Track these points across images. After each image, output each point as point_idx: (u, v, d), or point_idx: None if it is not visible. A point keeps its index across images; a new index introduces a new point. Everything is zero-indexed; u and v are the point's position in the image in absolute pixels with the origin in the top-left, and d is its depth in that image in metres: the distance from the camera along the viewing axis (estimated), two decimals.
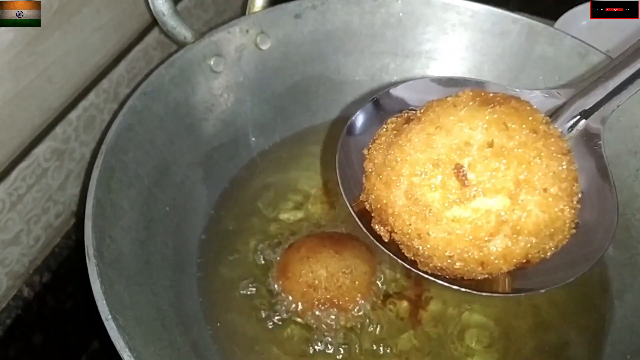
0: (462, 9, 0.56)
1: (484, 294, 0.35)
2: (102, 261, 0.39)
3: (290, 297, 0.48)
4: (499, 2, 0.56)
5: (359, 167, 0.38)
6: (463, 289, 0.34)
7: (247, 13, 0.55)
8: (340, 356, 0.46)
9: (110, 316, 0.37)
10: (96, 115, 0.53)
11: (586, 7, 0.66)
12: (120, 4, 0.51)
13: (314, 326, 0.47)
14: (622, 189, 0.51)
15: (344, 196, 0.38)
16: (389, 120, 0.37)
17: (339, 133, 0.41)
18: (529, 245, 0.33)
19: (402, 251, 0.35)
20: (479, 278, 0.34)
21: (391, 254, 0.35)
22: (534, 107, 0.35)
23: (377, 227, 0.36)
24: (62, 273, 0.53)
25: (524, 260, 0.33)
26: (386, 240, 0.35)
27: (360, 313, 0.48)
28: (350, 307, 0.48)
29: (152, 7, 0.51)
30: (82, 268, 0.39)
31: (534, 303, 0.49)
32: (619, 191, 0.51)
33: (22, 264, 0.50)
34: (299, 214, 0.54)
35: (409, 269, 0.35)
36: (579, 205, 0.34)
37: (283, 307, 0.48)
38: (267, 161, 0.58)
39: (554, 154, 0.32)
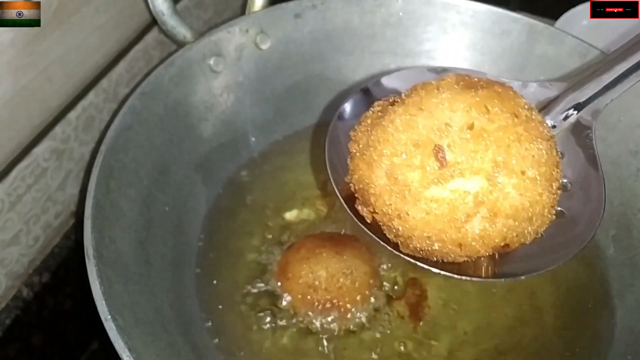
0: (463, 9, 0.56)
1: (464, 277, 0.35)
2: (101, 261, 0.39)
3: (290, 298, 0.48)
4: (499, 2, 0.56)
5: (346, 151, 0.38)
6: (444, 273, 0.34)
7: (246, 13, 0.55)
8: (341, 356, 0.46)
9: (109, 316, 0.37)
10: (95, 115, 0.52)
11: (586, 7, 0.66)
12: (119, 3, 0.51)
13: (314, 327, 0.47)
14: (623, 189, 0.51)
15: (331, 179, 0.38)
16: (375, 104, 0.38)
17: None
18: (506, 228, 0.33)
19: (385, 233, 0.35)
20: (460, 261, 0.34)
21: (374, 236, 0.36)
22: (517, 92, 0.35)
23: (360, 207, 0.36)
24: (61, 273, 0.53)
25: (503, 244, 0.33)
26: (369, 222, 0.36)
27: (361, 313, 0.48)
28: (350, 308, 0.48)
29: (151, 7, 0.51)
30: (82, 268, 0.38)
31: (535, 304, 0.49)
32: (620, 191, 0.51)
33: (21, 264, 0.49)
34: (299, 215, 0.54)
35: (391, 252, 0.35)
36: (559, 191, 0.34)
37: (283, 308, 0.48)
38: (267, 161, 0.58)
39: (534, 138, 0.33)
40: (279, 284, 0.49)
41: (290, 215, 0.54)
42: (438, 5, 0.56)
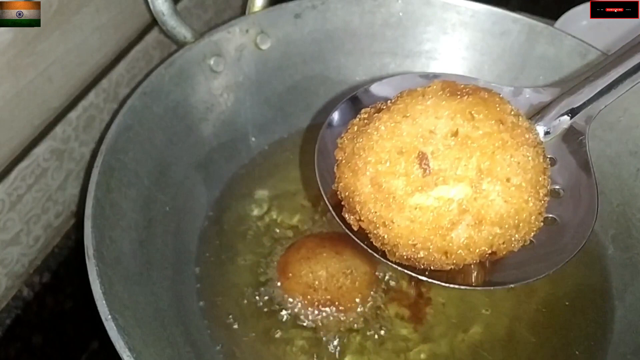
0: (463, 9, 0.56)
1: (452, 285, 0.34)
2: (102, 261, 0.39)
3: (290, 298, 0.48)
4: (499, 2, 0.56)
5: (334, 159, 0.37)
6: (431, 280, 0.34)
7: (247, 13, 0.55)
8: (341, 357, 0.46)
9: (110, 316, 0.37)
10: (96, 115, 0.53)
11: (586, 7, 0.66)
12: (119, 3, 0.51)
13: (314, 327, 0.47)
14: (622, 189, 0.51)
15: (320, 186, 0.37)
16: (362, 111, 0.37)
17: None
18: (492, 235, 0.32)
19: (372, 241, 0.35)
20: (447, 269, 0.34)
21: (362, 244, 0.35)
22: (504, 98, 0.34)
23: (346, 215, 0.36)
24: (61, 273, 0.53)
25: (490, 251, 0.33)
26: (355, 229, 0.35)
27: (361, 313, 0.48)
28: (350, 308, 0.48)
29: (151, 7, 0.51)
30: (82, 268, 0.39)
31: (534, 303, 0.49)
32: (620, 191, 0.51)
33: (21, 264, 0.50)
34: (299, 214, 0.54)
35: (379, 259, 0.35)
36: (547, 198, 0.34)
37: (283, 308, 0.48)
38: (267, 161, 0.58)
39: (520, 145, 0.32)
40: (279, 283, 0.49)
41: (291, 215, 0.54)
42: (438, 5, 0.56)
